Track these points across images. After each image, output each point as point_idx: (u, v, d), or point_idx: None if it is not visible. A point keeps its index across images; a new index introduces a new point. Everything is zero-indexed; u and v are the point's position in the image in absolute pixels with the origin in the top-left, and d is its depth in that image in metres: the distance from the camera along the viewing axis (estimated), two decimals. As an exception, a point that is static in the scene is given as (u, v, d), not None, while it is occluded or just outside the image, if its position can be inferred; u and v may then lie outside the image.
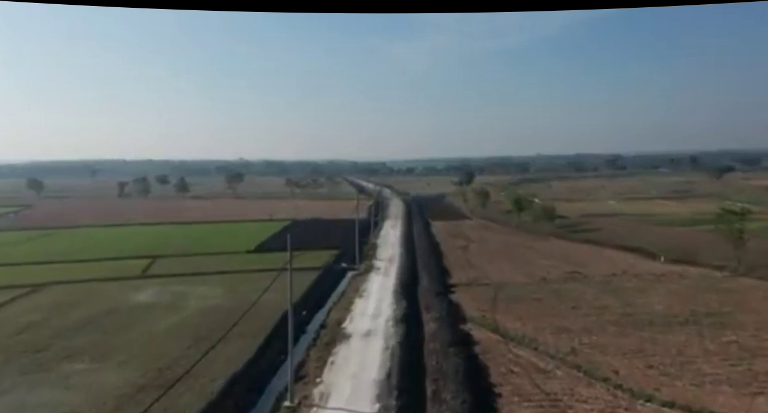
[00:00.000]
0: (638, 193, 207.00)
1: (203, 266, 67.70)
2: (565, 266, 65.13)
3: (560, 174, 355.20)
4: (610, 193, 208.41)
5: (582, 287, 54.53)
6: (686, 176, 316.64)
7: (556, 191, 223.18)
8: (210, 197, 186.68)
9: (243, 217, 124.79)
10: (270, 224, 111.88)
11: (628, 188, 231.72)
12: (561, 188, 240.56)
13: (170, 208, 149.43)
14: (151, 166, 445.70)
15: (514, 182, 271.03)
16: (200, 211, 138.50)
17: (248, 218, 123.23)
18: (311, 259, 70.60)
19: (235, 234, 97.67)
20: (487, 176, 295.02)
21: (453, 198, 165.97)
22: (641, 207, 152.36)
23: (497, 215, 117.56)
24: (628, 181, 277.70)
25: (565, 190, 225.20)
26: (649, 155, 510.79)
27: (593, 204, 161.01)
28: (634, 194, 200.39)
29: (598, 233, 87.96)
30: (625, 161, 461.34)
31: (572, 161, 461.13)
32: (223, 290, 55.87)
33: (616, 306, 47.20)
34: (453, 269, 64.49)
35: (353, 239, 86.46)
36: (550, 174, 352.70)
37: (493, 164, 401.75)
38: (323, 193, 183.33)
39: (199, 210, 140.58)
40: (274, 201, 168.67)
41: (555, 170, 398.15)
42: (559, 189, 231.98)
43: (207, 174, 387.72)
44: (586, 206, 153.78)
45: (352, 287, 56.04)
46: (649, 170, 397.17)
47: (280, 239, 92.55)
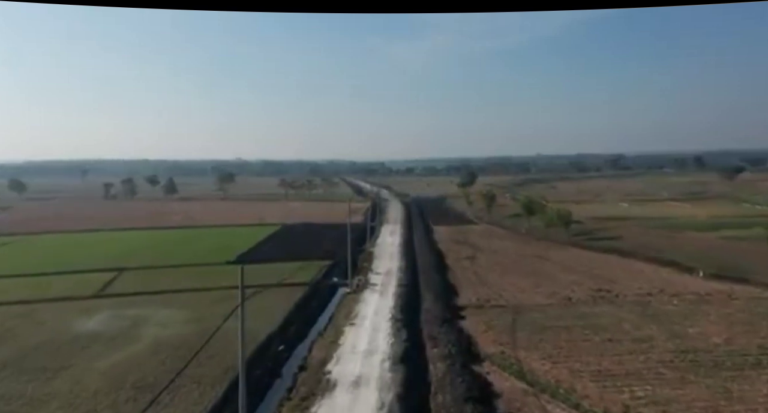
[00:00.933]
0: (648, 194, 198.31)
1: (172, 282, 58.85)
2: (590, 282, 56.35)
3: (563, 175, 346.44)
4: (619, 194, 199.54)
5: (615, 310, 45.74)
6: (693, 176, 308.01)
7: (562, 192, 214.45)
8: (199, 199, 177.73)
9: (230, 221, 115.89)
10: (258, 229, 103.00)
11: (636, 189, 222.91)
12: (566, 189, 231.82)
13: (154, 211, 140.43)
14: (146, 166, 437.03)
15: (517, 183, 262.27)
16: (185, 214, 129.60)
17: (235, 222, 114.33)
18: (299, 272, 61.83)
19: (216, 242, 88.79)
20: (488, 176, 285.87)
21: (455, 200, 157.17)
22: (655, 210, 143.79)
23: (504, 219, 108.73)
24: (634, 181, 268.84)
25: (571, 191, 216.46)
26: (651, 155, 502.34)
27: (604, 207, 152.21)
28: (644, 196, 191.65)
29: (621, 241, 79.13)
30: (627, 161, 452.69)
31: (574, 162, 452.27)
32: (188, 313, 47.04)
33: (663, 339, 38.41)
34: (460, 286, 55.70)
35: (350, 244, 78.07)
36: (553, 175, 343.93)
37: (493, 164, 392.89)
38: (319, 194, 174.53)
39: (184, 213, 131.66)
40: (266, 203, 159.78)
41: (557, 170, 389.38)
42: (564, 190, 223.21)
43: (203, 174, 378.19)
44: (596, 208, 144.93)
45: (343, 310, 47.18)
46: (654, 170, 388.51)
47: (266, 247, 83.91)
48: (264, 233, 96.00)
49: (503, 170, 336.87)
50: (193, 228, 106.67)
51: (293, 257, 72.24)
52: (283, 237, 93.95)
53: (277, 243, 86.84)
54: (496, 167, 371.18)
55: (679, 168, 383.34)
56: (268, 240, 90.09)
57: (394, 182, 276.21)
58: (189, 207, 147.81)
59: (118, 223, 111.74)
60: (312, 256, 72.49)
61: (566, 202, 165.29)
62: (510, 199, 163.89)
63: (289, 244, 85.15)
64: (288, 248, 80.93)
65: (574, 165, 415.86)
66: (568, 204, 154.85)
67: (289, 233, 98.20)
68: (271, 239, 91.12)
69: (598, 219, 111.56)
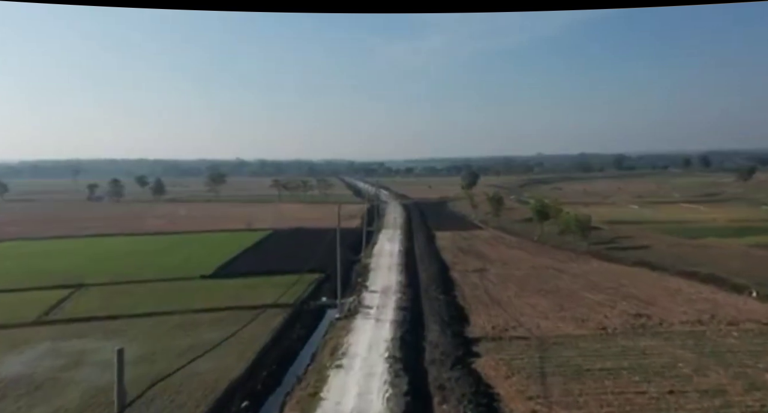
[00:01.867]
0: (659, 196, 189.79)
1: (134, 302, 50.27)
2: (623, 303, 47.79)
3: (566, 175, 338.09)
4: (628, 195, 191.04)
5: (664, 345, 37.18)
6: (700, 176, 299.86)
7: (568, 193, 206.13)
8: (188, 201, 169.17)
9: (215, 226, 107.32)
10: (244, 235, 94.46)
11: (644, 190, 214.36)
12: (572, 190, 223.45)
13: (137, 214, 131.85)
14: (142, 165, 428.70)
15: (520, 183, 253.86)
16: (169, 218, 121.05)
17: (221, 227, 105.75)
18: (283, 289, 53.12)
19: (196, 250, 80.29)
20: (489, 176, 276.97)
21: (458, 202, 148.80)
22: (670, 213, 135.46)
23: (513, 224, 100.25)
24: (641, 182, 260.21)
25: (577, 192, 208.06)
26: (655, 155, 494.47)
27: (614, 209, 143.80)
28: (654, 197, 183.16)
29: (647, 250, 70.59)
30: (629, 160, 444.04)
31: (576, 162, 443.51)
32: (141, 348, 38.41)
33: (738, 390, 29.85)
34: (470, 308, 47.12)
35: (343, 255, 69.52)
36: (556, 175, 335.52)
37: (494, 164, 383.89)
38: (314, 196, 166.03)
39: (167, 217, 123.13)
40: (258, 206, 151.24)
41: (560, 170, 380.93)
42: (570, 192, 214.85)
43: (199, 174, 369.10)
44: (606, 211, 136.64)
45: (329, 344, 38.53)
46: (658, 170, 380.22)
47: (251, 257, 75.32)
48: (250, 240, 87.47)
49: (505, 171, 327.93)
50: (174, 234, 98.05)
51: (279, 269, 63.68)
52: (270, 245, 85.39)
53: (263, 252, 78.29)
54: (498, 167, 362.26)
55: (684, 168, 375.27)
56: (254, 248, 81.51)
57: (393, 182, 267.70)
58: (175, 210, 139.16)
59: (94, 228, 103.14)
60: (300, 268, 63.85)
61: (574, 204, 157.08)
62: (516, 201, 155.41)
63: (276, 253, 76.60)
64: (275, 258, 72.37)
65: (577, 165, 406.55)
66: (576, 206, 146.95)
67: (277, 240, 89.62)
68: (257, 247, 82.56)
69: (612, 224, 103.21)
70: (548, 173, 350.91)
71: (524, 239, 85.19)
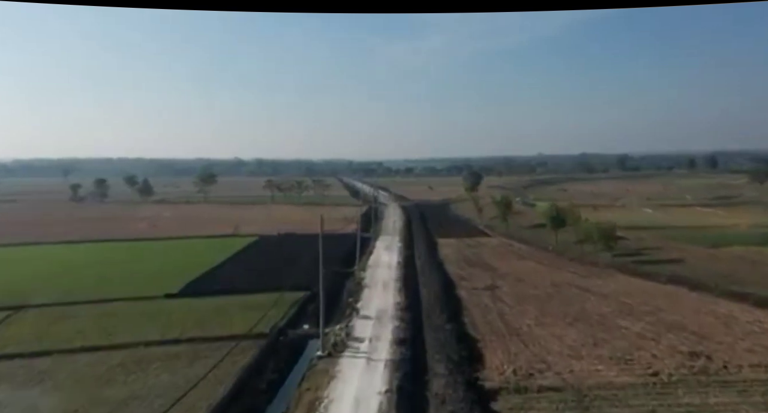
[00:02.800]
0: (670, 198, 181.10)
1: (77, 330, 41.71)
2: (670, 336, 39.21)
3: (570, 175, 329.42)
4: (637, 198, 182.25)
5: (742, 403, 28.63)
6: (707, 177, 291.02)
7: (574, 195, 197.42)
8: (176, 202, 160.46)
9: (199, 231, 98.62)
10: (228, 242, 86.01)
11: (653, 191, 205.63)
12: (577, 191, 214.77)
13: (118, 216, 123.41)
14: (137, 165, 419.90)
15: (524, 184, 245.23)
16: (151, 221, 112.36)
17: (205, 232, 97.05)
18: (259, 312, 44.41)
19: (171, 260, 71.76)
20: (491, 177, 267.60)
21: (460, 205, 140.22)
22: (687, 217, 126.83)
23: (523, 230, 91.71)
24: (648, 183, 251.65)
25: (584, 194, 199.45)
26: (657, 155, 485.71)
27: (627, 213, 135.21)
28: (666, 200, 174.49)
29: (681, 265, 61.98)
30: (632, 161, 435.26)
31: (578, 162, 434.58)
32: (63, 401, 29.86)
33: None
34: (485, 342, 38.54)
35: (334, 267, 61.11)
36: (560, 176, 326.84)
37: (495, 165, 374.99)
38: (309, 197, 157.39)
39: (150, 220, 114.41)
40: (249, 207, 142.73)
41: (563, 171, 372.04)
42: (576, 193, 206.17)
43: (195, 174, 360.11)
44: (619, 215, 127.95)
45: (303, 399, 29.81)
46: (663, 171, 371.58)
47: (230, 268, 66.71)
48: (233, 248, 78.97)
49: (507, 171, 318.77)
50: (151, 241, 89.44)
51: (259, 285, 55.17)
52: (254, 254, 76.86)
53: (245, 263, 69.74)
54: (500, 167, 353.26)
55: (689, 169, 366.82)
56: (235, 258, 72.97)
57: (392, 183, 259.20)
58: (159, 212, 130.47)
59: (64, 233, 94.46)
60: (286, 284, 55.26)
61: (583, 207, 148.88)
62: (522, 204, 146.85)
63: (259, 264, 68.11)
64: (257, 270, 63.87)
65: (581, 166, 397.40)
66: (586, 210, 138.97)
67: (264, 248, 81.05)
68: (239, 257, 74.02)
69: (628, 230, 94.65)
70: (551, 174, 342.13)
71: (537, 249, 76.55)
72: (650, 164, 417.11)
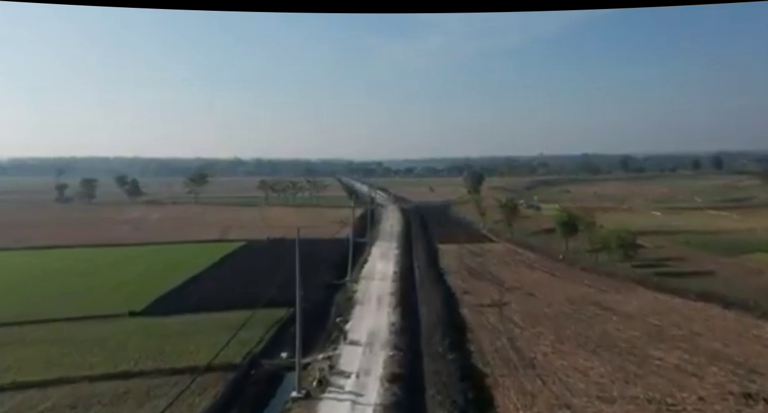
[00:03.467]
0: (678, 201, 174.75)
1: (15, 360, 35.49)
2: (716, 370, 32.95)
3: (573, 177, 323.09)
4: (645, 200, 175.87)
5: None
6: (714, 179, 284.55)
7: (578, 197, 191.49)
8: (166, 203, 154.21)
9: (185, 235, 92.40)
10: (213, 247, 79.89)
11: (661, 194, 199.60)
12: (581, 193, 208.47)
13: (102, 219, 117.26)
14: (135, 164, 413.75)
15: (527, 185, 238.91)
16: (136, 224, 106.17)
17: (190, 236, 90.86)
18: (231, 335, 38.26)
19: (146, 269, 65.50)
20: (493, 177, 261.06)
21: (462, 207, 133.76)
22: (698, 221, 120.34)
23: (530, 236, 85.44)
24: (654, 185, 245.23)
25: (588, 196, 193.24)
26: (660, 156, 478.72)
27: (635, 217, 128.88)
28: (674, 203, 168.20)
29: (711, 279, 55.65)
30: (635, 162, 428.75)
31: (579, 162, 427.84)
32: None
33: None
34: (495, 378, 32.31)
35: (324, 278, 55.36)
36: (562, 176, 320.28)
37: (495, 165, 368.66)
38: (305, 198, 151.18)
39: (135, 223, 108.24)
40: (241, 209, 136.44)
41: (565, 171, 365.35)
42: (580, 195, 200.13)
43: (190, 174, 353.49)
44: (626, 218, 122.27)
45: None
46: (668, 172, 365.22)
47: (209, 280, 60.38)
48: (217, 255, 72.78)
49: (509, 171, 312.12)
50: (131, 246, 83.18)
51: (238, 301, 48.73)
52: (239, 262, 70.61)
53: (227, 273, 63.51)
54: (501, 167, 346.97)
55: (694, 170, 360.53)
56: (218, 267, 66.79)
57: (392, 183, 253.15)
58: (146, 215, 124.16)
59: (40, 237, 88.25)
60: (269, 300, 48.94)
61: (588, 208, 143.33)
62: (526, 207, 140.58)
63: (242, 275, 61.82)
64: (239, 282, 57.57)
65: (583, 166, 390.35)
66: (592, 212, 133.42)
67: (249, 256, 74.80)
68: (222, 266, 67.82)
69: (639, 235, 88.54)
70: (553, 175, 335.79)
71: (546, 257, 70.25)
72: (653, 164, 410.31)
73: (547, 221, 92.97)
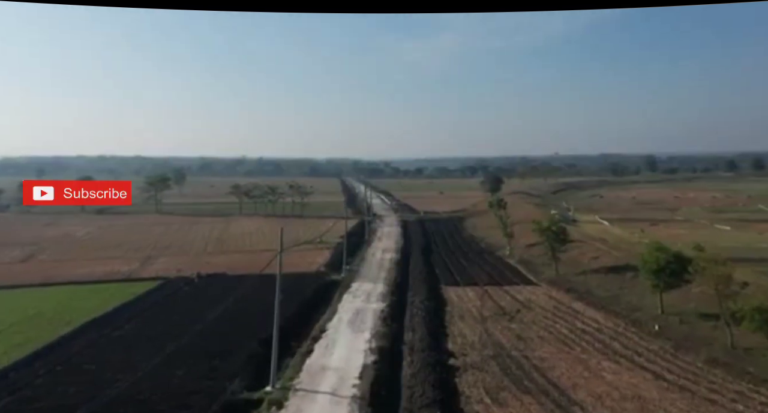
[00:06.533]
0: (741, 210, 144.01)
1: None
2: None
3: (597, 178, 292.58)
4: (697, 208, 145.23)
5: None
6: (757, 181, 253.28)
7: (615, 203, 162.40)
8: (121, 212, 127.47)
9: (86, 266, 65.18)
10: (103, 293, 52.41)
11: (713, 200, 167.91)
12: (616, 198, 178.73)
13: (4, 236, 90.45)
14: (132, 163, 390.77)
15: (552, 189, 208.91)
16: (37, 248, 79.24)
17: (89, 271, 63.50)
18: None
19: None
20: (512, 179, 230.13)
21: (480, 220, 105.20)
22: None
23: (583, 274, 56.77)
24: (698, 189, 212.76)
25: (625, 202, 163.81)
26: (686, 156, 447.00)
27: (699, 232, 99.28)
28: (737, 212, 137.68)
29: None
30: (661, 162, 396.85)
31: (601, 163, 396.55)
32: None
33: None
34: None
35: (228, 381, 28.41)
36: (588, 179, 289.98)
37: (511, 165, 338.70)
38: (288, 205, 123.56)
39: (41, 244, 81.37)
40: (200, 222, 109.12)
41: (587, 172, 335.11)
42: (615, 200, 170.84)
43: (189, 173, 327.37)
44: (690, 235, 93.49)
45: None
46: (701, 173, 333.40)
47: (38, 369, 32.76)
48: (93, 311, 45.27)
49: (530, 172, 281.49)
50: None
51: None
52: (115, 328, 42.72)
53: (85, 349, 35.86)
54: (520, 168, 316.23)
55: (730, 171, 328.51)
56: (76, 337, 39.09)
57: (398, 186, 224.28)
58: (70, 231, 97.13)
59: None
60: None
61: (635, 222, 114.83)
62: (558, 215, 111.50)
63: (104, 358, 34.26)
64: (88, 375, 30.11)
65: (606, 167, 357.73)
66: (641, 225, 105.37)
67: (144, 313, 46.93)
68: (85, 334, 40.04)
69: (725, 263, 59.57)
70: (575, 176, 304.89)
71: (627, 324, 41.20)
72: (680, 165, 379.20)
73: (599, 247, 64.54)
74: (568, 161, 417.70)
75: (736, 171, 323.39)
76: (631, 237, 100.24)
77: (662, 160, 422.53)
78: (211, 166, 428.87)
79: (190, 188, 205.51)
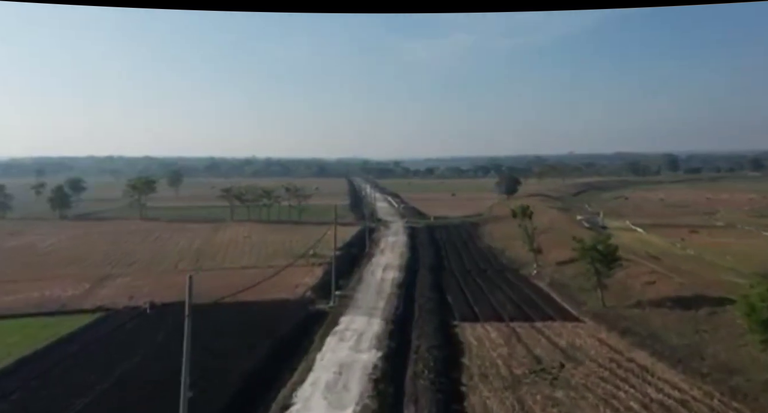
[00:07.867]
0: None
1: None
2: None
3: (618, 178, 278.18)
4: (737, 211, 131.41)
5: None
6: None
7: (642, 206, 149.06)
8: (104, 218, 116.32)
9: (23, 291, 53.67)
10: (19, 336, 40.74)
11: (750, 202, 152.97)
12: (644, 200, 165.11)
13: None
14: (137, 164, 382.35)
15: (573, 191, 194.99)
16: None
17: (26, 296, 51.99)
18: None
19: None
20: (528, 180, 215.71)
21: (497, 228, 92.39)
22: None
23: (636, 306, 44.18)
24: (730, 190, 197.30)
25: (655, 205, 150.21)
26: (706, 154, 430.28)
27: (748, 241, 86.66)
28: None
29: None
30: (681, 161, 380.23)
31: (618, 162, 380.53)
32: None
33: None
34: None
35: None
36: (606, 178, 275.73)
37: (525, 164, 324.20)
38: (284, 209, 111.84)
39: None
40: (186, 230, 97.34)
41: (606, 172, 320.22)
42: (643, 203, 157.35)
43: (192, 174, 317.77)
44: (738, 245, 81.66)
45: None
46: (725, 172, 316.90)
47: None
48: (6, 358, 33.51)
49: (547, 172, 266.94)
50: None
51: None
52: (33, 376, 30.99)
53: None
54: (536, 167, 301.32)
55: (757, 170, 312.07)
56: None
57: (408, 187, 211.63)
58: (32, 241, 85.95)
59: None
60: None
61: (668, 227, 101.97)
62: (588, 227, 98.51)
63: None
64: None
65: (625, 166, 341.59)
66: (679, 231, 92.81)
67: (71, 358, 35.17)
68: None
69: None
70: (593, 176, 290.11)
71: (732, 398, 28.94)
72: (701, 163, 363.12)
73: (648, 267, 51.94)
74: (584, 160, 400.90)
75: (762, 170, 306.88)
76: (673, 248, 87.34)
77: (682, 158, 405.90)
78: (218, 166, 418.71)
79: (189, 189, 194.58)
